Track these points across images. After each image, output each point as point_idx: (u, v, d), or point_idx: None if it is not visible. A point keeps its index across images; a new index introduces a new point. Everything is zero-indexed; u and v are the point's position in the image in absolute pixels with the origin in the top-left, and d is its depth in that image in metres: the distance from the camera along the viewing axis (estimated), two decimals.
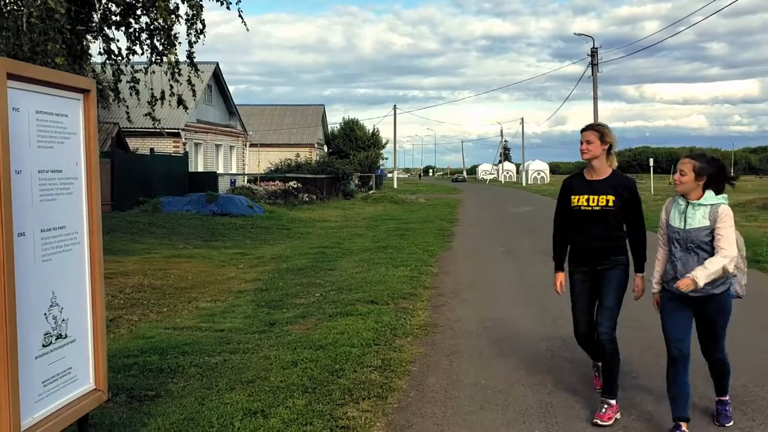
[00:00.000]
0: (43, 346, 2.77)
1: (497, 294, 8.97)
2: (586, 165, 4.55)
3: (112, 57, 11.94)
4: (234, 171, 35.27)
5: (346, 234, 17.11)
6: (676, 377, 4.10)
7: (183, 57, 11.87)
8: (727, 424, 4.26)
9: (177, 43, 11.60)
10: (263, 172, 37.37)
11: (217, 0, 11.50)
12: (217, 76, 33.05)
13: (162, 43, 11.71)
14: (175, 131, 27.57)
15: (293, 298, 8.44)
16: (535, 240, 15.00)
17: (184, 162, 26.86)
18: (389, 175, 64.90)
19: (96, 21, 11.64)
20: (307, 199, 30.00)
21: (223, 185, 29.64)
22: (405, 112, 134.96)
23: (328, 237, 16.54)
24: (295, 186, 30.83)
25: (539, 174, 74.79)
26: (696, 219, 3.98)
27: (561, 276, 4.78)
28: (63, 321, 2.88)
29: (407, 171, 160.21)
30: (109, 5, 11.37)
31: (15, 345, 2.51)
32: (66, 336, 2.90)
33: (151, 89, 11.86)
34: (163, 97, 12.08)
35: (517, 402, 4.79)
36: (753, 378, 5.14)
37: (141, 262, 11.48)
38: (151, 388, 4.89)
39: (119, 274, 9.80)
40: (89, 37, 12.10)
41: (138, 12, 11.54)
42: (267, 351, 5.85)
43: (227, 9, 11.61)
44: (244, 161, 38.16)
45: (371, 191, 42.10)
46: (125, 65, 12.14)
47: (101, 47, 11.93)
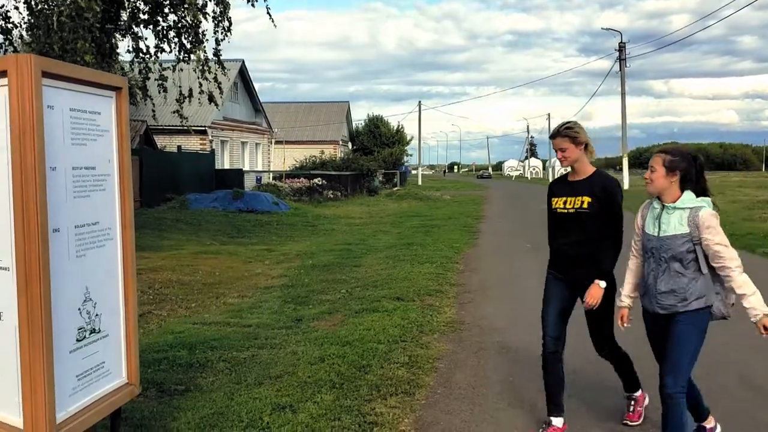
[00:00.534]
0: (77, 340, 2.80)
1: (524, 291, 8.90)
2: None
3: (140, 55, 12.09)
4: (259, 168, 35.50)
5: (370, 231, 17.13)
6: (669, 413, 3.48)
7: (210, 55, 11.97)
8: None
9: (204, 41, 11.71)
10: (288, 169, 37.55)
11: None
12: (243, 73, 33.25)
13: (190, 41, 11.82)
14: (202, 129, 27.81)
15: (319, 294, 8.48)
16: None
17: (210, 159, 27.10)
18: (414, 172, 64.75)
19: (125, 19, 11.79)
20: (332, 196, 30.09)
21: (249, 182, 29.83)
22: (429, 108, 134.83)
23: (352, 234, 16.57)
24: (320, 183, 30.95)
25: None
26: (671, 225, 3.43)
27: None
28: (96, 316, 2.92)
29: (432, 168, 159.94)
30: (138, 3, 11.51)
31: (50, 339, 2.55)
32: (99, 331, 2.94)
33: (179, 87, 11.98)
34: (191, 95, 12.19)
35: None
36: None
37: (169, 258, 11.61)
38: (181, 382, 4.94)
39: (148, 269, 9.92)
40: (118, 36, 12.26)
41: (166, 10, 11.66)
42: (294, 347, 5.88)
43: (252, 6, 11.66)
44: (269, 158, 38.38)
45: (396, 188, 42.08)
46: (153, 63, 12.28)
47: (130, 45, 12.10)
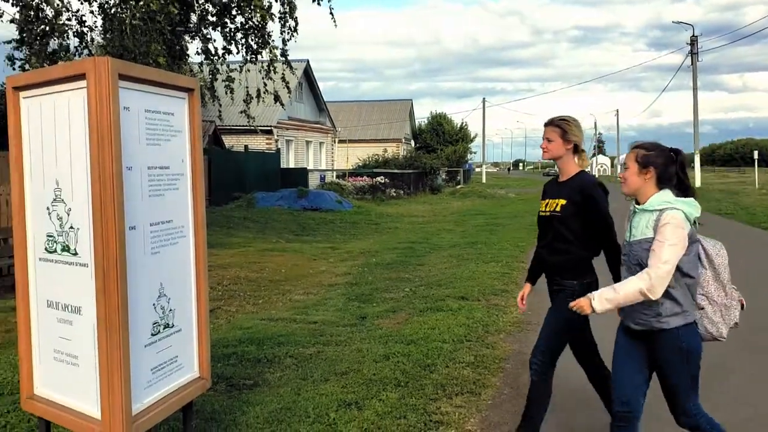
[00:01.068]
0: (152, 334, 2.88)
1: None
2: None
3: (209, 56, 12.38)
4: (323, 167, 35.89)
5: (434, 229, 17.07)
6: None
7: (276, 55, 12.15)
8: None
9: (270, 41, 11.90)
10: (351, 167, 37.83)
11: None
12: (308, 73, 33.68)
13: (256, 42, 12.04)
14: (268, 128, 28.33)
15: (383, 292, 8.50)
16: None
17: (276, 158, 27.56)
18: (477, 170, 64.17)
19: (194, 21, 12.10)
20: (395, 194, 30.13)
21: (313, 181, 30.21)
22: (494, 105, 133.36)
23: (415, 232, 16.55)
24: (383, 181, 31.04)
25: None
26: (639, 228, 3.04)
27: (526, 288, 4.04)
28: (170, 311, 3.00)
29: (496, 165, 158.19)
30: (207, 6, 11.79)
31: (127, 333, 2.63)
32: (173, 325, 3.02)
33: (246, 87, 12.21)
34: (259, 95, 12.40)
35: None
36: None
37: (237, 255, 11.86)
38: (249, 377, 5.04)
39: (217, 266, 10.16)
40: (187, 38, 12.60)
41: (233, 12, 11.90)
42: (359, 344, 5.91)
43: (318, 5, 11.76)
44: (332, 157, 38.75)
45: (459, 186, 41.82)
46: (221, 64, 12.56)
47: (199, 47, 12.41)
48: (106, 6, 11.63)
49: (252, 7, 10.92)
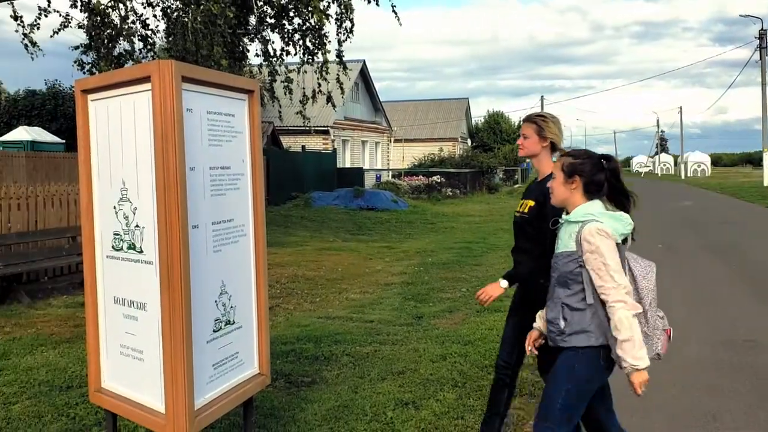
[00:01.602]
0: (214, 331, 2.94)
1: (658, 292, 8.46)
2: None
3: (268, 58, 12.57)
4: (379, 166, 36.00)
5: (491, 229, 16.90)
6: None
7: (332, 56, 12.25)
8: None
9: (327, 42, 12.00)
10: (407, 167, 37.84)
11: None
12: (364, 73, 33.84)
13: (313, 43, 12.16)
14: (325, 129, 28.60)
15: (439, 292, 8.46)
16: (698, 236, 14.03)
17: (332, 158, 27.80)
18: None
19: (253, 24, 12.31)
20: (451, 194, 29.98)
21: (369, 180, 30.33)
22: (553, 103, 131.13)
23: (472, 232, 16.42)
24: (439, 180, 30.92)
25: (699, 166, 69.70)
26: (563, 240, 2.81)
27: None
28: (231, 308, 3.06)
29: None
30: (265, 8, 11.97)
31: (190, 329, 2.69)
32: (234, 322, 3.08)
33: (303, 88, 12.35)
34: (314, 96, 12.52)
35: (681, 408, 4.50)
36: None
37: (294, 254, 12.01)
38: (307, 374, 5.09)
39: (275, 264, 10.31)
40: (246, 40, 12.82)
41: (291, 13, 12.05)
42: (416, 344, 5.90)
43: (377, 5, 11.78)
44: (388, 157, 38.83)
45: (517, 185, 41.33)
46: (279, 66, 12.74)
47: (258, 49, 12.62)
48: (168, 10, 11.95)
49: (309, 9, 11.03)
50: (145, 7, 12.04)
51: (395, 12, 11.69)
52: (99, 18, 11.17)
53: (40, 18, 11.29)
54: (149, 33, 12.33)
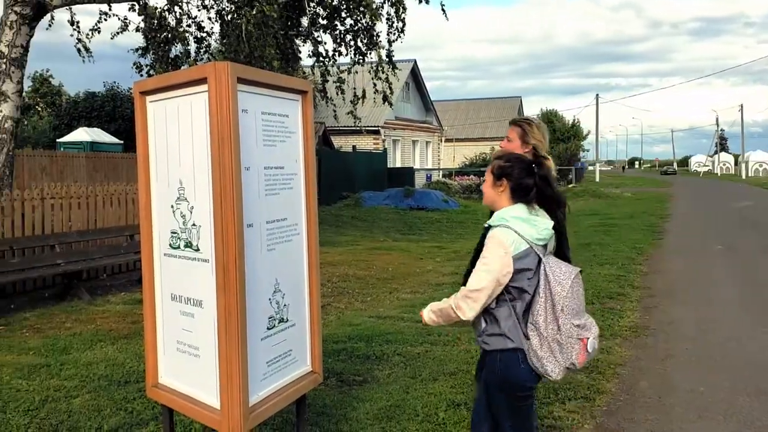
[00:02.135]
0: (268, 328, 2.97)
1: (716, 295, 8.19)
2: None
3: (319, 59, 12.67)
4: (429, 166, 35.92)
5: None
6: None
7: (383, 56, 12.25)
8: None
9: (378, 42, 12.02)
10: (458, 166, 37.63)
11: None
12: (415, 73, 33.81)
13: (365, 43, 12.20)
14: (375, 129, 28.69)
15: None
16: (759, 237, 13.54)
17: (383, 158, 27.86)
18: (590, 168, 62.03)
19: (305, 25, 12.43)
20: None
21: (419, 180, 30.29)
22: (608, 101, 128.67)
23: None
24: None
25: (761, 166, 67.32)
26: (483, 244, 2.80)
27: None
28: (285, 306, 3.08)
29: (610, 163, 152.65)
30: (317, 9, 12.07)
31: (245, 326, 2.72)
32: (287, 320, 3.09)
33: (354, 88, 12.40)
34: (365, 96, 12.56)
35: (741, 413, 4.36)
36: None
37: (345, 253, 12.08)
38: (359, 373, 5.10)
39: (326, 264, 10.38)
40: (298, 41, 12.95)
41: (343, 14, 12.12)
42: (467, 344, 5.85)
43: (426, 3, 11.75)
44: (439, 156, 38.70)
45: (571, 185, 40.62)
46: (331, 66, 12.83)
47: (310, 50, 12.74)
48: (223, 12, 12.17)
49: (362, 8, 11.07)
50: (200, 10, 12.30)
51: (443, 9, 11.63)
52: (155, 21, 11.45)
53: (100, 22, 11.65)
54: (204, 35, 12.59)
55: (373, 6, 10.77)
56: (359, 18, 11.78)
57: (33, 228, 8.59)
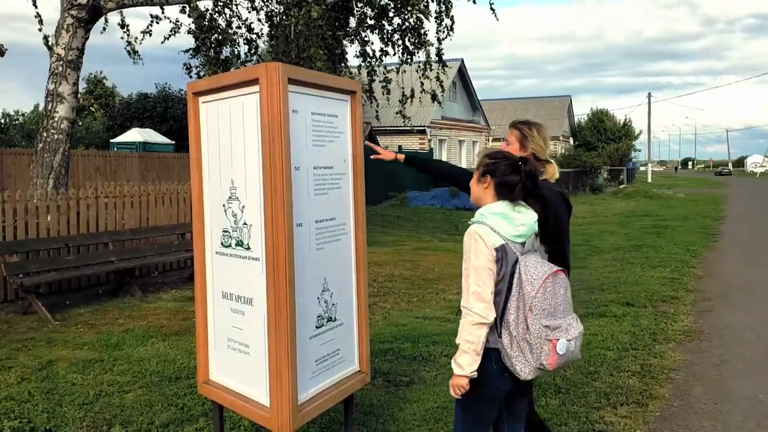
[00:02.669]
0: (316, 327, 2.98)
1: None
2: None
3: (367, 59, 12.70)
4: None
5: (595, 231, 16.36)
6: None
7: (432, 55, 12.20)
8: None
9: (426, 41, 11.99)
10: None
11: None
12: (462, 72, 33.64)
13: (412, 42, 12.17)
14: (422, 128, 28.62)
15: None
16: None
17: (429, 158, 27.78)
18: (642, 169, 60.65)
19: (353, 26, 12.47)
20: None
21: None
22: (660, 100, 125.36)
23: (575, 234, 15.89)
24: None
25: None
26: None
27: None
28: (333, 305, 3.08)
29: (662, 164, 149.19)
30: (365, 9, 12.09)
31: (294, 325, 2.73)
32: (335, 319, 3.10)
33: (402, 88, 12.39)
34: (413, 95, 12.53)
35: None
36: None
37: (391, 253, 12.07)
38: (406, 374, 5.08)
39: (373, 263, 10.39)
40: (346, 42, 13.00)
41: (391, 14, 12.11)
42: None
43: (473, 3, 11.66)
44: None
45: (622, 185, 39.82)
46: (377, 66, 12.84)
47: (357, 50, 12.78)
48: (272, 14, 12.31)
49: (409, 8, 11.05)
50: (250, 12, 12.46)
51: (493, 9, 11.52)
52: (206, 23, 11.65)
53: (152, 25, 11.91)
54: (254, 37, 12.75)
55: (421, 5, 10.74)
56: (407, 17, 11.75)
57: (87, 226, 8.83)
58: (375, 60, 12.77)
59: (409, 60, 12.41)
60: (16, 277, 7.30)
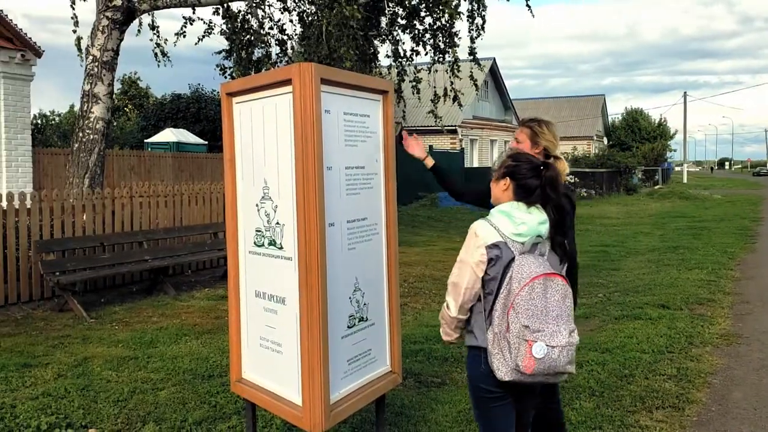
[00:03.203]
0: (348, 327, 2.98)
1: None
2: None
3: (398, 59, 12.70)
4: None
5: (629, 232, 16.12)
6: None
7: (464, 54, 12.15)
8: None
9: (458, 40, 11.94)
10: None
11: None
12: (494, 71, 33.42)
13: (444, 42, 12.13)
14: (453, 128, 28.49)
15: None
16: None
17: (460, 158, 27.63)
18: (677, 169, 59.60)
19: (384, 26, 12.48)
20: (585, 195, 28.95)
21: None
22: (696, 99, 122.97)
23: (609, 234, 15.73)
24: (572, 180, 29.89)
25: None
26: None
27: None
28: (364, 305, 3.08)
29: (698, 164, 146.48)
30: (396, 9, 12.09)
31: (326, 324, 2.74)
32: (367, 319, 3.10)
33: (434, 87, 12.35)
34: (446, 95, 12.49)
35: None
36: None
37: (422, 253, 12.04)
38: (437, 375, 5.06)
39: (403, 263, 10.38)
40: (377, 42, 13.01)
41: (422, 13, 12.10)
42: None
43: (507, 1, 11.58)
44: None
45: (657, 186, 39.18)
46: (408, 66, 12.82)
47: (388, 50, 12.79)
48: (304, 14, 12.37)
49: (441, 7, 11.02)
50: (282, 13, 12.54)
51: (529, 6, 11.41)
52: (238, 24, 11.76)
53: (185, 26, 12.06)
54: (285, 37, 12.83)
55: (453, 4, 10.69)
56: (438, 17, 11.73)
57: (122, 225, 8.97)
58: (406, 60, 12.76)
59: (441, 59, 12.37)
60: (52, 275, 7.45)
